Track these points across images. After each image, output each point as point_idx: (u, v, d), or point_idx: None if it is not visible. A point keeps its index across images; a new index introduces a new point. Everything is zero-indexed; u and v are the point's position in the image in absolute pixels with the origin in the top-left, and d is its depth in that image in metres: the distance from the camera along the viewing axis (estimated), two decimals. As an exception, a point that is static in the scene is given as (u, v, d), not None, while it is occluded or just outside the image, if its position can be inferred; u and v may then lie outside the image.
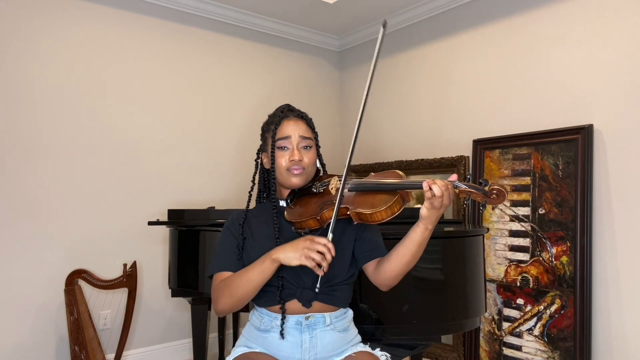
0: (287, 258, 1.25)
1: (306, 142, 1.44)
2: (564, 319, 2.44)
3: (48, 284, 2.64)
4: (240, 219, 1.46)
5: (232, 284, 1.32)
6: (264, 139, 1.50)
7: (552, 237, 2.51)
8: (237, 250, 1.40)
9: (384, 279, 1.37)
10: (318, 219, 1.34)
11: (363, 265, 1.44)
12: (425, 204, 1.22)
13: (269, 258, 1.28)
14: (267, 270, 1.28)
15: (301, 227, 1.37)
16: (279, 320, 1.36)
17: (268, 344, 1.38)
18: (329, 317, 1.39)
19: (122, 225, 2.90)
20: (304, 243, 1.25)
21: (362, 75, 3.85)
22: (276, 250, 1.28)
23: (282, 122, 1.43)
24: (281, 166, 1.41)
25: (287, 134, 1.41)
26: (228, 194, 3.36)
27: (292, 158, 1.40)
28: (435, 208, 1.21)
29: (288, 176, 1.41)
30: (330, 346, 1.38)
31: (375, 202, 1.28)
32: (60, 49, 2.72)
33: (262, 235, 1.42)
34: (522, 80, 2.76)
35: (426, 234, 1.27)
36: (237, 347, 1.45)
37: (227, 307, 1.34)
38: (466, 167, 2.98)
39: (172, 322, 3.11)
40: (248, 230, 1.44)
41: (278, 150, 1.41)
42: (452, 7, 3.13)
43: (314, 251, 1.22)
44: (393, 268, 1.33)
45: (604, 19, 2.42)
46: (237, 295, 1.31)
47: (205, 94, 3.29)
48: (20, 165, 2.59)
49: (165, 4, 3.09)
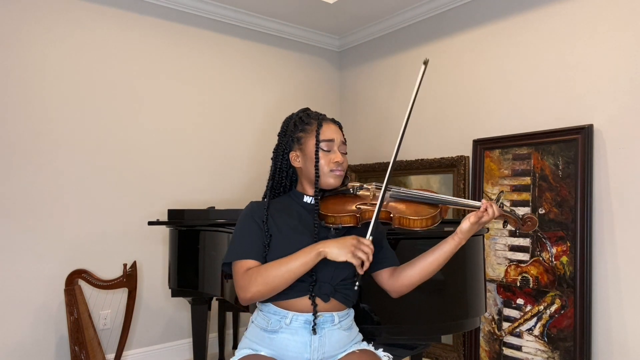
0: (334, 253, 1.29)
1: (345, 147, 1.52)
2: (564, 319, 2.44)
3: (48, 284, 2.64)
4: (262, 213, 1.46)
5: (269, 273, 1.33)
6: (293, 138, 1.50)
7: (552, 237, 2.51)
8: (262, 242, 1.41)
9: (401, 286, 1.43)
10: (358, 217, 1.41)
11: (376, 272, 1.48)
12: (471, 219, 1.33)
13: (315, 251, 1.31)
14: (311, 263, 1.32)
15: (335, 222, 1.43)
16: (289, 319, 1.37)
17: (276, 345, 1.38)
18: (337, 317, 1.41)
19: (122, 225, 2.90)
20: (351, 241, 1.30)
21: (362, 75, 3.85)
22: (323, 244, 1.32)
23: (324, 124, 1.48)
24: (324, 166, 1.46)
25: (331, 137, 1.47)
26: (228, 194, 3.36)
27: (335, 160, 1.46)
28: (479, 225, 1.33)
29: (329, 176, 1.46)
30: (337, 344, 1.41)
31: (419, 211, 1.40)
32: (60, 50, 2.72)
33: (290, 229, 1.44)
34: (522, 80, 2.76)
35: (457, 248, 1.37)
36: (240, 349, 1.44)
37: (258, 295, 1.35)
38: (466, 167, 2.98)
39: (172, 322, 3.11)
40: (273, 224, 1.45)
41: (321, 151, 1.46)
42: (452, 7, 3.13)
43: (360, 250, 1.28)
44: (415, 275, 1.41)
45: (604, 19, 2.42)
46: (273, 285, 1.33)
47: (205, 94, 3.29)
48: (20, 165, 2.59)
49: (165, 4, 3.09)
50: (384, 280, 1.47)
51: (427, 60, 1.39)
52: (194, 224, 2.39)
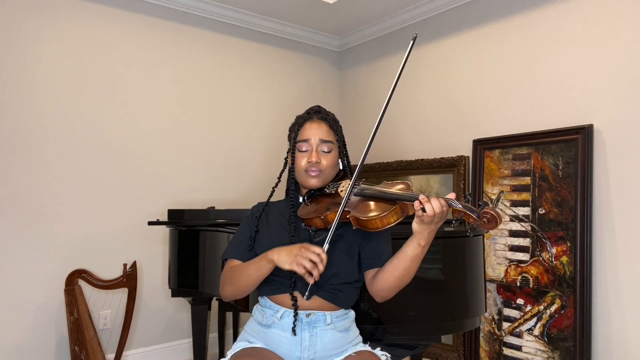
0: (280, 261, 1.29)
1: (326, 145, 1.48)
2: (564, 319, 2.44)
3: (48, 284, 2.64)
4: (258, 211, 1.53)
5: (235, 274, 1.41)
6: (290, 140, 1.55)
7: (552, 237, 2.51)
8: (250, 240, 1.47)
9: (377, 290, 1.38)
10: (322, 219, 1.38)
11: (363, 272, 1.46)
12: (415, 219, 1.23)
13: (265, 258, 1.33)
14: (263, 268, 1.34)
15: (309, 224, 1.42)
16: (280, 314, 1.38)
17: (269, 339, 1.40)
18: (330, 316, 1.39)
19: (122, 225, 2.90)
20: (298, 250, 1.27)
21: (362, 75, 3.85)
22: (273, 251, 1.33)
23: (305, 124, 1.49)
24: (300, 167, 1.48)
25: (307, 136, 1.47)
26: (228, 194, 3.36)
27: (309, 160, 1.46)
28: (426, 224, 1.21)
29: (306, 177, 1.48)
30: (330, 345, 1.39)
31: (372, 210, 1.29)
32: (60, 50, 2.72)
33: (277, 227, 1.47)
34: (522, 80, 2.76)
35: (419, 250, 1.25)
36: (238, 342, 1.46)
37: (229, 294, 1.44)
38: (466, 167, 2.98)
39: (172, 322, 3.11)
40: (265, 220, 1.50)
41: (298, 152, 1.48)
42: (452, 7, 3.13)
43: (306, 259, 1.24)
44: (386, 280, 1.34)
45: (604, 19, 2.42)
46: (239, 286, 1.40)
47: (205, 94, 3.29)
48: (20, 165, 2.58)
49: (165, 4, 3.09)
50: (367, 282, 1.42)
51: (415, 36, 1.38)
52: (194, 224, 2.39)
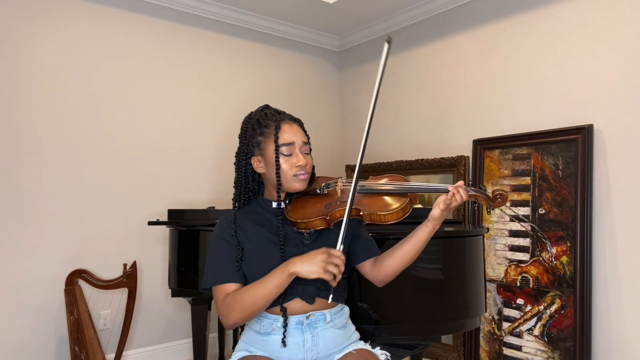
0: (305, 272, 1.25)
1: (307, 147, 1.43)
2: (564, 319, 2.44)
3: (48, 284, 2.64)
4: (230, 228, 1.41)
5: (245, 299, 1.30)
6: (253, 142, 1.42)
7: (552, 237, 2.51)
8: (236, 261, 1.37)
9: (383, 275, 1.43)
10: (327, 219, 1.35)
11: (360, 264, 1.47)
12: (440, 206, 1.29)
13: (287, 273, 1.27)
14: (284, 284, 1.29)
15: (306, 227, 1.37)
16: (280, 322, 1.35)
17: (269, 347, 1.38)
18: (329, 314, 1.40)
19: (122, 225, 2.90)
20: (321, 256, 1.25)
21: (362, 75, 3.85)
22: (293, 264, 1.27)
23: (282, 126, 1.39)
24: (286, 172, 1.38)
25: (291, 140, 1.38)
26: (228, 194, 3.35)
27: (298, 164, 1.38)
28: (450, 210, 1.31)
29: (293, 181, 1.39)
30: (332, 343, 1.39)
31: (387, 204, 1.35)
32: (59, 49, 2.72)
33: (260, 239, 1.40)
34: (522, 80, 2.76)
35: (432, 233, 1.35)
36: (236, 352, 1.44)
37: (240, 321, 1.33)
38: (466, 167, 2.98)
39: (172, 322, 3.11)
40: (243, 235, 1.40)
41: (282, 156, 1.38)
42: (452, 7, 3.13)
43: (332, 265, 1.24)
44: (395, 264, 1.40)
45: (604, 19, 2.42)
46: (251, 310, 1.30)
47: (205, 93, 3.29)
48: (20, 165, 2.58)
49: (165, 4, 3.09)
50: (367, 271, 1.46)
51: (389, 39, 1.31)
52: (194, 224, 2.39)
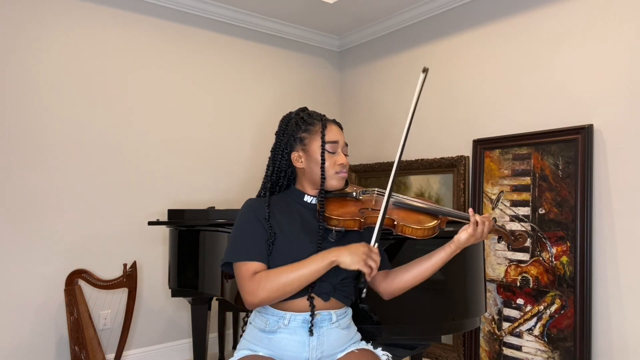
0: (347, 262, 1.28)
1: (346, 148, 1.53)
2: (564, 319, 2.44)
3: (48, 284, 2.64)
4: (264, 211, 1.43)
5: (280, 279, 1.30)
6: (296, 137, 1.48)
7: (552, 237, 2.51)
8: (266, 242, 1.38)
9: (395, 289, 1.45)
10: (361, 221, 1.42)
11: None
12: (468, 231, 1.36)
13: (328, 260, 1.30)
14: (323, 270, 1.31)
15: (338, 224, 1.42)
16: (287, 319, 1.36)
17: (274, 345, 1.38)
18: (335, 315, 1.41)
19: (122, 225, 2.90)
20: (363, 249, 1.30)
21: (362, 75, 3.85)
22: (335, 253, 1.30)
23: (328, 125, 1.48)
24: (329, 169, 1.45)
25: (336, 138, 1.47)
26: (228, 194, 3.36)
27: (340, 162, 1.46)
28: (476, 238, 1.36)
29: (334, 178, 1.47)
30: (336, 343, 1.40)
31: (421, 220, 1.43)
32: (60, 50, 2.72)
33: (292, 230, 1.42)
34: (522, 80, 2.76)
35: (452, 256, 1.40)
36: (238, 350, 1.44)
37: (267, 301, 1.32)
38: (466, 167, 2.98)
39: (172, 322, 3.11)
40: (274, 221, 1.42)
41: (326, 153, 1.46)
42: (452, 7, 3.13)
43: (371, 259, 1.29)
44: (409, 279, 1.43)
45: (605, 19, 2.42)
46: (284, 291, 1.31)
47: (205, 94, 3.29)
48: (20, 165, 2.59)
49: (165, 4, 3.09)
50: (378, 283, 1.48)
51: (426, 69, 1.40)
52: (194, 224, 2.39)
